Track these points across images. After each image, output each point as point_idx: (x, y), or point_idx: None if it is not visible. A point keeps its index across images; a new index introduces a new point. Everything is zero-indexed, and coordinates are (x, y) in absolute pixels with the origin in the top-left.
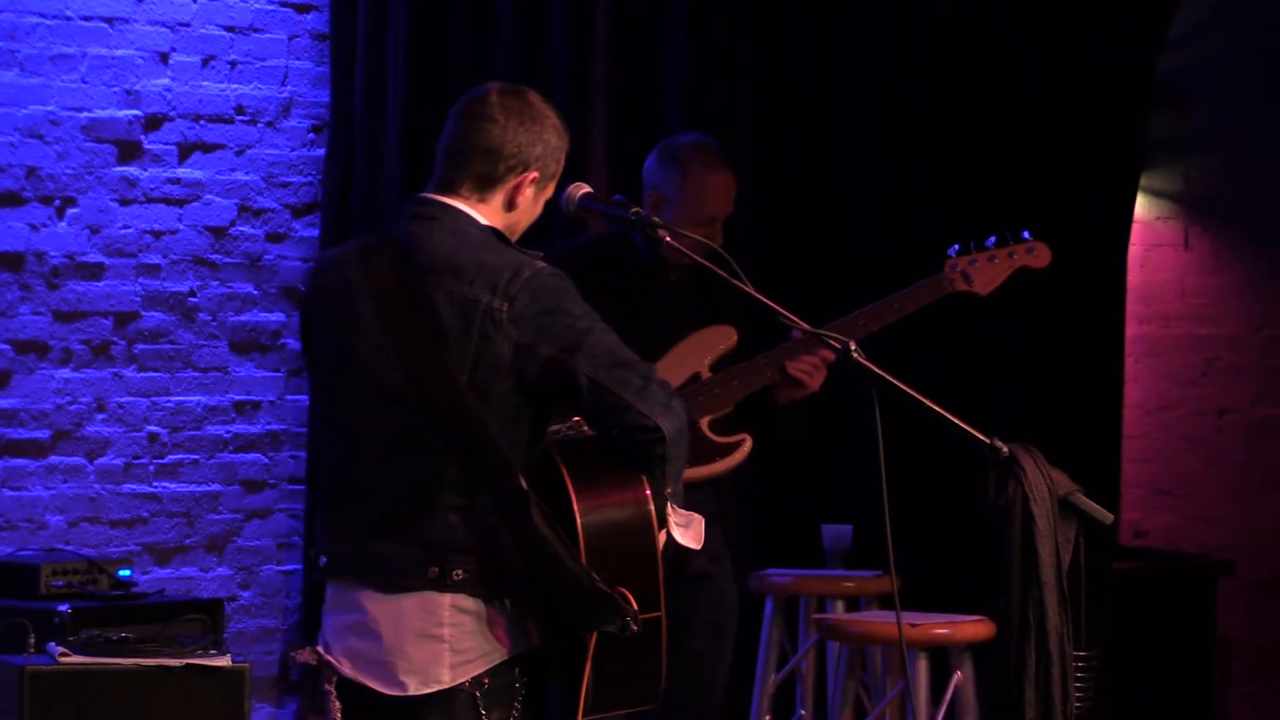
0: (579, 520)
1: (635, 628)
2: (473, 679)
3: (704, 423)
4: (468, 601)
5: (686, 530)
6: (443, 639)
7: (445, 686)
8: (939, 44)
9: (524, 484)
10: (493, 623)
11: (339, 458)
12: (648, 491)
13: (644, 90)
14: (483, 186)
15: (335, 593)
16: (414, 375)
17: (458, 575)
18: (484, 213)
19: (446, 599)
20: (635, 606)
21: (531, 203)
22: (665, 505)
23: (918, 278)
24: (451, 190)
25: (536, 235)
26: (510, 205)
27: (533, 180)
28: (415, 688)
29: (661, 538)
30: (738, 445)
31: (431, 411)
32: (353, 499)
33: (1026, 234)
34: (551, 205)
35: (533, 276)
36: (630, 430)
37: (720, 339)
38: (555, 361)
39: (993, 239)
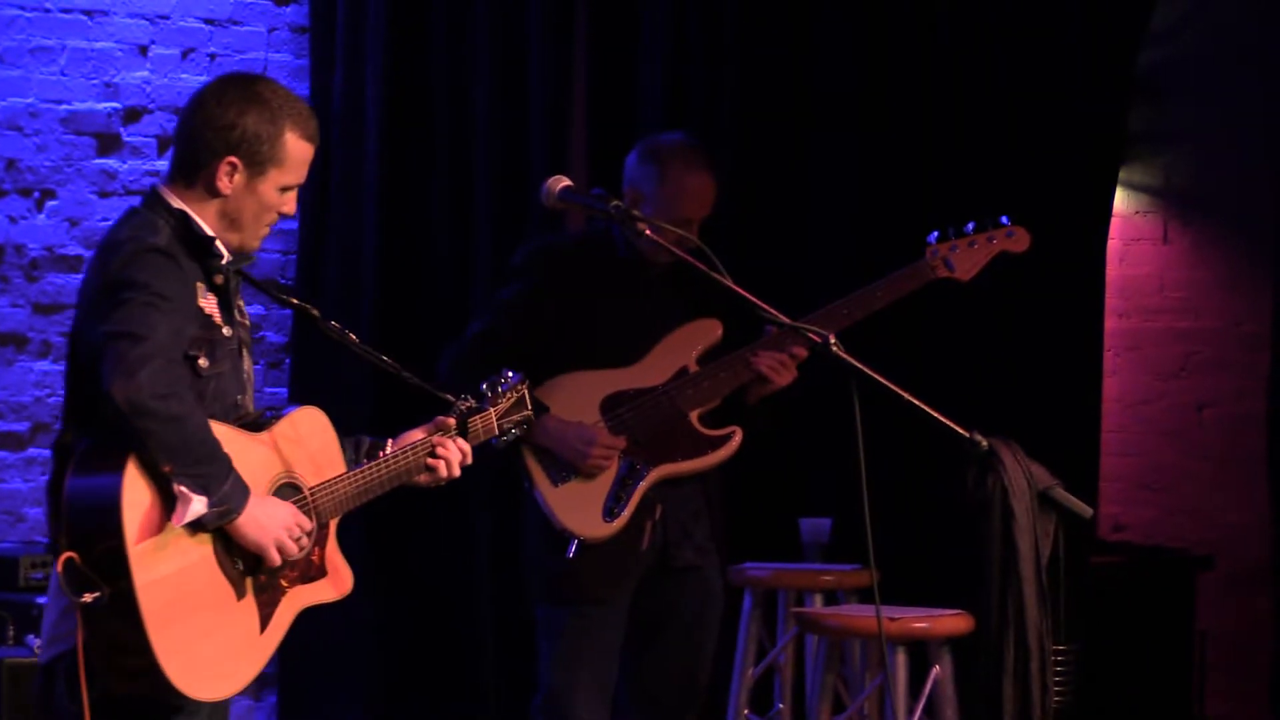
0: (64, 489)
1: (87, 597)
2: (56, 658)
3: (694, 416)
4: (54, 573)
5: (182, 513)
6: (49, 611)
7: (44, 664)
8: (917, 35)
9: (65, 439)
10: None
11: None
12: (126, 467)
13: (623, 84)
14: (185, 173)
15: None
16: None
17: (51, 542)
18: (188, 198)
19: (56, 570)
20: (60, 569)
21: (244, 189)
22: (170, 484)
23: (897, 270)
24: (167, 178)
25: (516, 230)
26: (212, 191)
27: (231, 164)
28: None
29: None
30: (728, 438)
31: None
32: None
33: (1005, 219)
34: (533, 200)
35: (113, 247)
36: (100, 400)
37: (706, 332)
38: (93, 331)
39: (971, 224)
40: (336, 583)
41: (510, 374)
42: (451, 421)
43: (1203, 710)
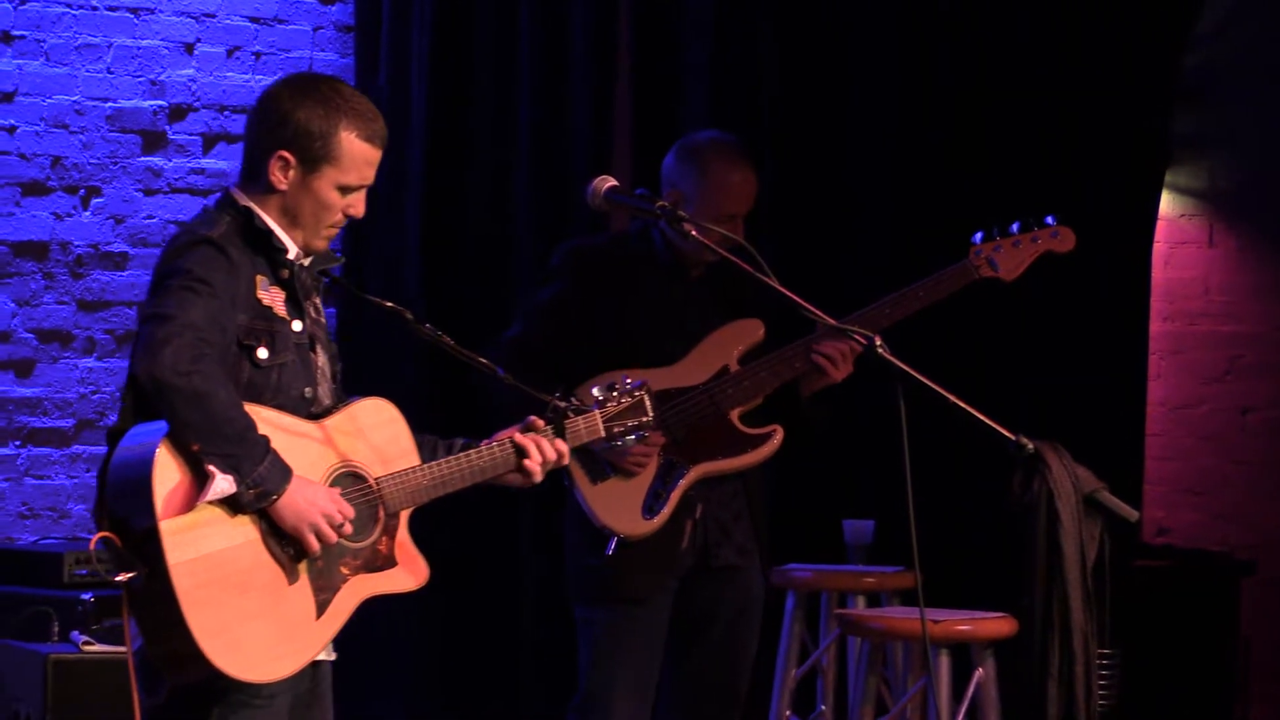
0: (107, 471)
1: (123, 576)
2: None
3: (734, 415)
4: None
5: (207, 490)
6: None
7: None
8: (961, 38)
9: (119, 426)
10: None
11: None
12: (158, 446)
13: (668, 81)
14: (249, 170)
15: None
16: None
17: (96, 526)
18: (253, 196)
19: (89, 549)
20: (92, 547)
21: (300, 186)
22: (201, 462)
23: (941, 270)
24: (240, 178)
25: (559, 231)
26: (270, 187)
27: (283, 158)
28: None
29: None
30: (768, 437)
31: None
32: None
33: (1050, 219)
34: (576, 201)
35: (170, 241)
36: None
37: (748, 332)
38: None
39: (1016, 224)
40: (407, 574)
41: (628, 380)
42: (541, 421)
43: (1246, 715)
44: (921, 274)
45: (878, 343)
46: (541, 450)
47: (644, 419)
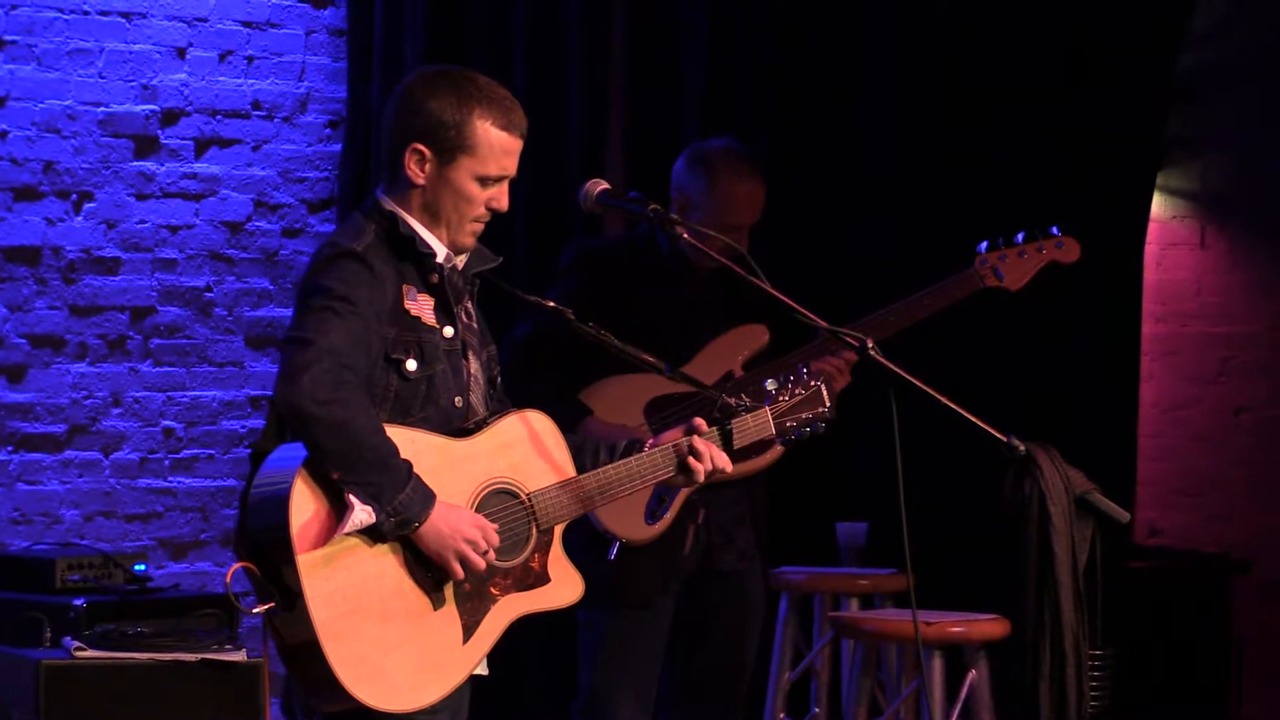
0: (249, 495)
1: (259, 609)
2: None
3: None
4: None
5: (346, 522)
6: None
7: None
8: (956, 41)
9: (263, 446)
10: None
11: None
12: (295, 478)
13: (663, 86)
14: (390, 172)
15: None
16: None
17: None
18: (396, 198)
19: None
20: (229, 579)
21: (437, 178)
22: (340, 490)
23: (937, 277)
24: (384, 180)
25: (558, 233)
26: (409, 183)
27: (418, 151)
28: None
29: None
30: (771, 444)
31: None
32: None
33: (1055, 229)
34: (569, 204)
35: (316, 253)
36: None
37: (753, 337)
38: None
39: (1022, 234)
40: (559, 591)
41: (803, 369)
42: (701, 422)
43: (1239, 715)
44: (919, 276)
45: (870, 345)
46: (698, 454)
47: (820, 409)
